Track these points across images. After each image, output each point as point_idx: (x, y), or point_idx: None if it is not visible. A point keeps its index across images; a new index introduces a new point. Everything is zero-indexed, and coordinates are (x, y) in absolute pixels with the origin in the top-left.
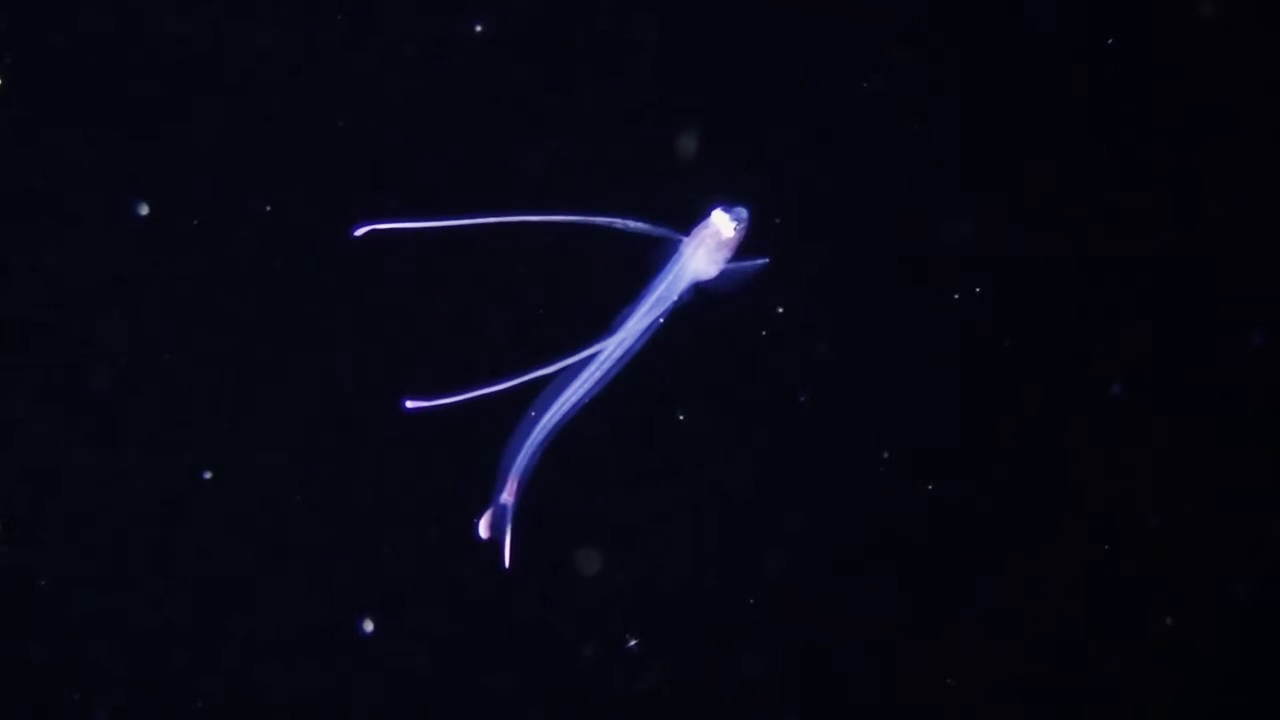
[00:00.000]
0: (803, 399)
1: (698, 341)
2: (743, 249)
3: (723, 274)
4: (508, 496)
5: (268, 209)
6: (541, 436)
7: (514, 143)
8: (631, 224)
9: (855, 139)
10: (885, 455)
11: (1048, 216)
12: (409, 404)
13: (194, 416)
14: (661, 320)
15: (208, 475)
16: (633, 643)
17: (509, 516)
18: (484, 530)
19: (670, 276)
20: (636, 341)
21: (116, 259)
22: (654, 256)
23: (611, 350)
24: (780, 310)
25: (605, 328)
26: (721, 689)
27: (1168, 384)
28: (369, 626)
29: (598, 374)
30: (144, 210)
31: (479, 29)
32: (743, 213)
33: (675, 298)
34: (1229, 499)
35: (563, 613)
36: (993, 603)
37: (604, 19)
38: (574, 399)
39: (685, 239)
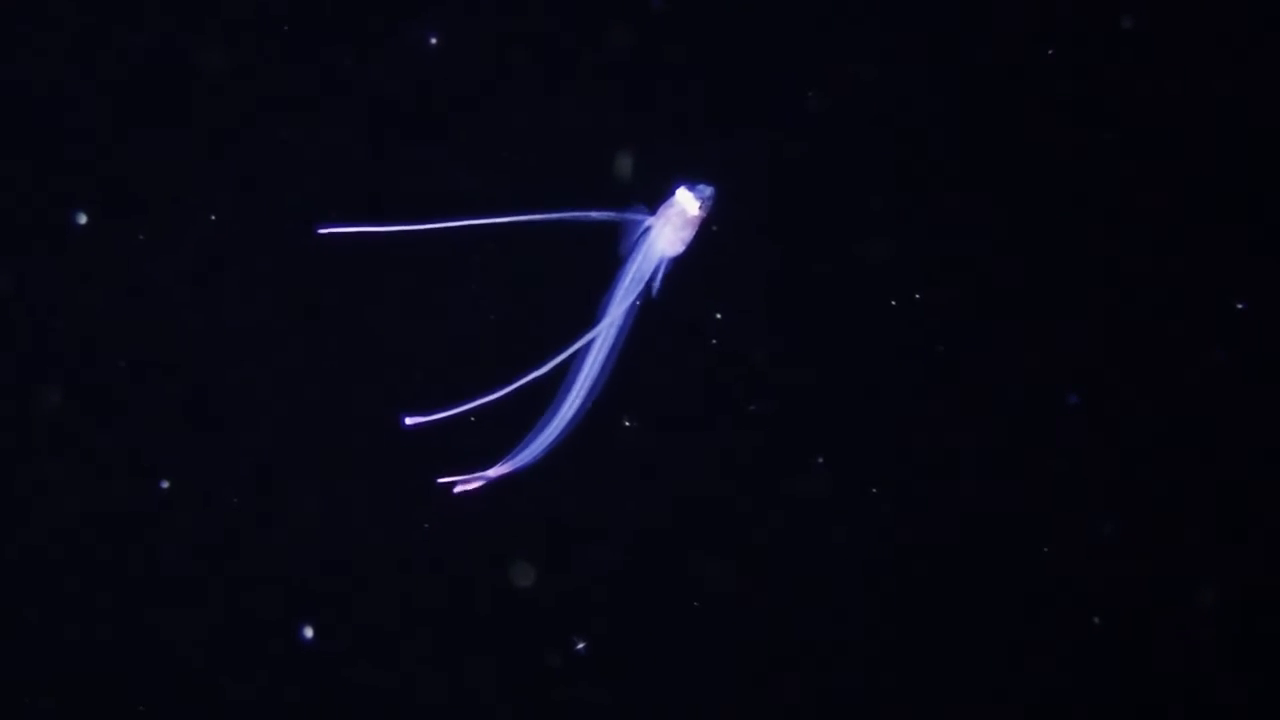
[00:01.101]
0: (752, 407)
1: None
2: (707, 225)
3: (690, 250)
4: (494, 473)
5: (212, 217)
6: (544, 429)
7: (474, 141)
8: (596, 213)
9: (813, 123)
10: (820, 460)
11: (1002, 224)
12: (408, 420)
13: (150, 426)
14: (638, 302)
15: (165, 485)
16: (580, 645)
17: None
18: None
19: (640, 258)
20: (618, 326)
21: (64, 267)
22: (622, 241)
23: (597, 338)
24: (719, 316)
25: (587, 318)
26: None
27: (1123, 393)
28: (309, 633)
29: (587, 364)
30: (82, 220)
31: (434, 41)
32: (706, 190)
33: (648, 278)
34: (1185, 508)
35: (510, 615)
36: (942, 610)
37: (554, 17)
38: (570, 390)
39: (651, 220)
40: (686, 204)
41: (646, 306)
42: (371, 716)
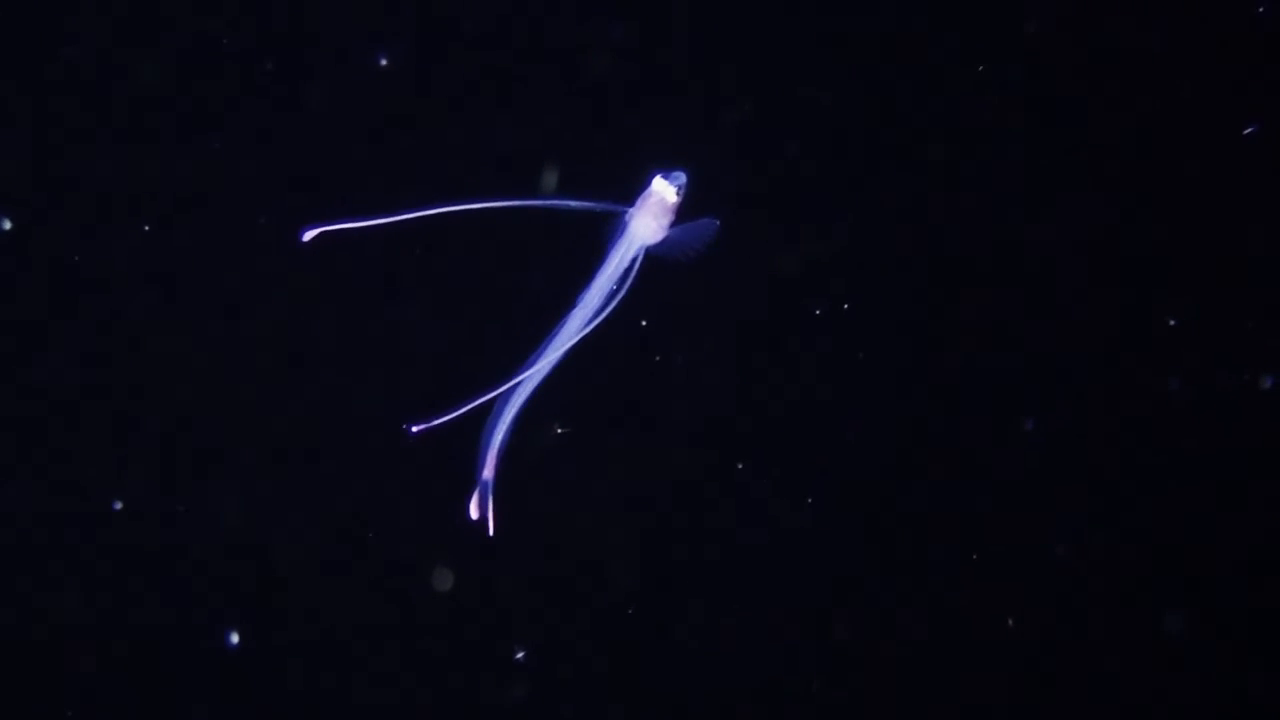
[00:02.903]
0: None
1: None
2: (684, 210)
3: (669, 238)
4: (487, 474)
5: (146, 228)
6: (516, 415)
7: (449, 135)
8: (574, 203)
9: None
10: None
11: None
12: (414, 427)
13: (104, 445)
14: (618, 290)
15: (118, 506)
16: (520, 654)
17: (489, 492)
18: (473, 510)
19: (621, 247)
20: (598, 314)
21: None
22: (601, 231)
23: (577, 326)
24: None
25: (567, 307)
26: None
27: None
28: (235, 638)
29: (565, 351)
30: (5, 225)
31: (384, 62)
32: (681, 176)
33: (627, 266)
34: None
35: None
36: (886, 621)
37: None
38: (545, 376)
39: (629, 209)
40: (663, 191)
41: (628, 295)
42: None
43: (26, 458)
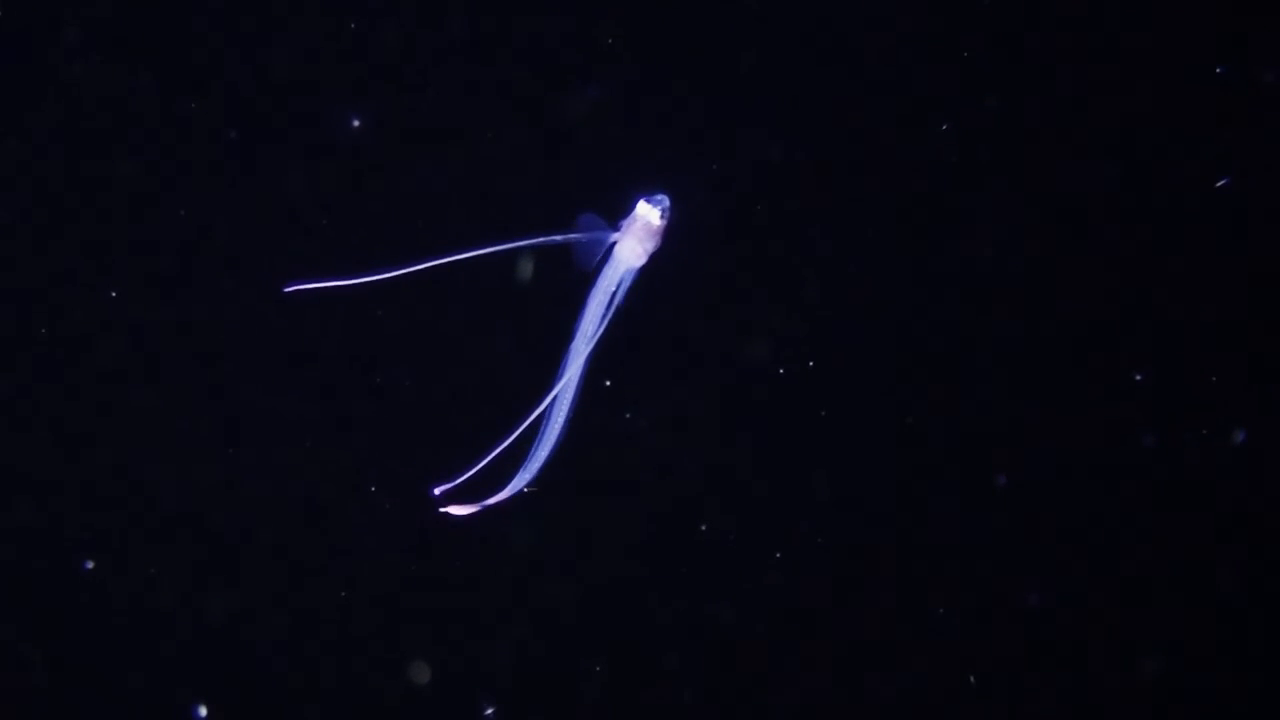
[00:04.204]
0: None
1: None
2: (669, 233)
3: (655, 260)
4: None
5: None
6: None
7: (426, 181)
8: (558, 236)
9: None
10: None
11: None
12: (438, 491)
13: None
14: (608, 316)
15: (89, 565)
16: (489, 711)
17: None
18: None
19: (609, 274)
20: (591, 343)
21: None
22: (586, 259)
23: (574, 358)
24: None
25: (563, 341)
26: None
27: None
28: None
29: (564, 384)
30: None
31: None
32: (664, 199)
33: (615, 292)
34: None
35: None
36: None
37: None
38: (548, 411)
39: (614, 235)
40: (648, 215)
41: (618, 318)
42: None
43: None
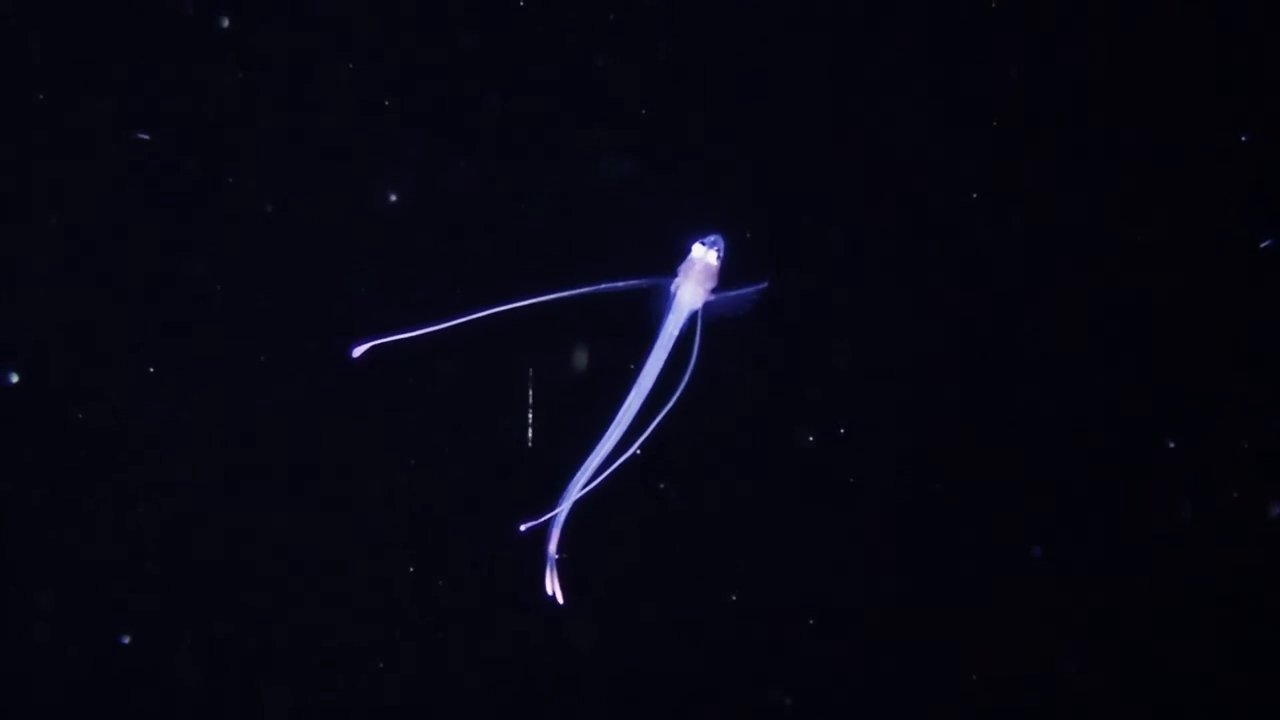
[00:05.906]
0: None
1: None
2: (725, 271)
3: (716, 299)
4: (552, 549)
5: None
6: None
7: (485, 234)
8: (618, 284)
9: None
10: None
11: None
12: (524, 527)
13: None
14: (669, 357)
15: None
16: None
17: (552, 564)
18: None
19: (672, 318)
20: (655, 385)
21: None
22: (648, 305)
23: (641, 399)
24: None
25: (630, 384)
26: None
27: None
28: None
29: (635, 426)
30: None
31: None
32: (718, 239)
33: (678, 334)
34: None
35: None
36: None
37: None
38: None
39: (673, 279)
40: (704, 256)
41: (685, 360)
42: None
43: None
